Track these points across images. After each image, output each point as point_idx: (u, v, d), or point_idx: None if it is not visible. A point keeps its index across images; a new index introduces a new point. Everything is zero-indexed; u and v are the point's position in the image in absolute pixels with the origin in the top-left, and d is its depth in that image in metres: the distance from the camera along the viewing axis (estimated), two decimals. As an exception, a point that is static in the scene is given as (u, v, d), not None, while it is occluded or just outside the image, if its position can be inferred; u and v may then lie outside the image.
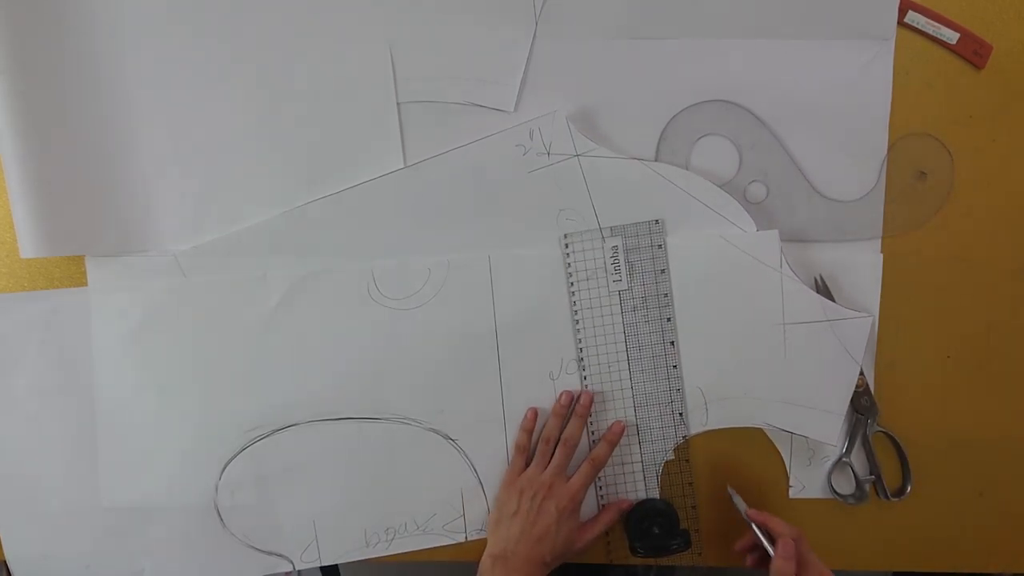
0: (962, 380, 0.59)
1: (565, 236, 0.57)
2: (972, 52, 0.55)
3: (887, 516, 0.61)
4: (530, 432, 0.58)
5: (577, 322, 0.58)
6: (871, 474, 0.60)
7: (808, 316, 0.56)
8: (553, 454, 0.56)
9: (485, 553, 0.55)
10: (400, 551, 0.61)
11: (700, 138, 0.57)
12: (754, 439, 0.60)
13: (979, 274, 0.58)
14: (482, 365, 0.59)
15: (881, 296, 0.58)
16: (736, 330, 0.57)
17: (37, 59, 0.54)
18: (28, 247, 0.55)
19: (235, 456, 0.59)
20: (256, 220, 0.58)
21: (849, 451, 0.59)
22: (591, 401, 0.58)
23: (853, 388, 0.57)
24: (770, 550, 0.51)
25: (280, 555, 0.61)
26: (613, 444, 0.57)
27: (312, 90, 0.56)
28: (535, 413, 0.58)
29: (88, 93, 0.56)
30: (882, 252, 0.58)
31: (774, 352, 0.57)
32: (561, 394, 0.58)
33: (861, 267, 0.58)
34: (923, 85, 0.56)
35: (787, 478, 0.60)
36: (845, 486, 0.61)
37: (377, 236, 0.58)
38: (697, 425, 0.58)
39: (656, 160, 0.57)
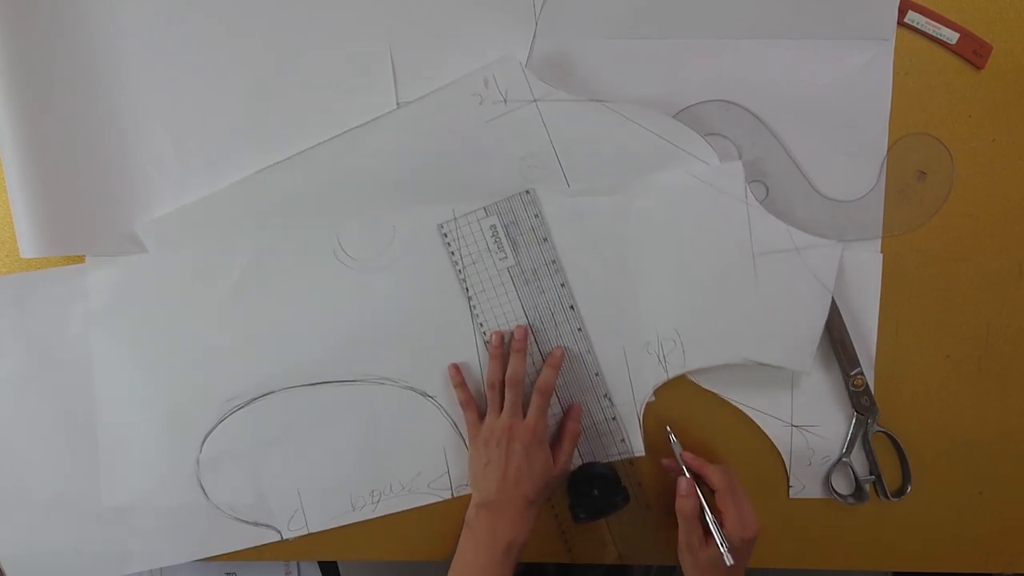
0: (962, 380, 0.59)
1: (441, 225, 0.57)
2: (972, 52, 0.55)
3: (887, 516, 0.61)
4: (463, 386, 0.58)
5: (474, 307, 0.58)
6: (871, 474, 0.60)
7: (777, 246, 0.56)
8: (503, 397, 0.56)
9: (470, 506, 0.56)
10: (387, 512, 0.61)
11: (700, 138, 0.57)
12: (754, 439, 0.60)
13: (979, 274, 0.58)
14: (455, 319, 0.58)
15: (881, 296, 0.58)
16: (706, 266, 0.56)
17: (37, 59, 0.54)
18: (28, 247, 0.55)
19: (213, 429, 0.59)
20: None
21: (849, 451, 0.59)
22: (526, 333, 0.57)
23: (825, 316, 0.56)
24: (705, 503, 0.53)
25: (267, 525, 0.61)
26: (556, 368, 0.57)
27: (313, 91, 0.56)
28: (457, 368, 0.58)
29: (88, 93, 0.56)
30: (882, 252, 0.58)
31: (746, 285, 0.56)
32: (491, 335, 0.58)
33: (861, 267, 0.58)
34: (923, 85, 0.56)
35: (787, 478, 0.60)
36: (845, 486, 0.61)
37: (339, 198, 0.57)
38: (676, 367, 0.58)
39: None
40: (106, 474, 0.60)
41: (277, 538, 0.61)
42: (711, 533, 0.52)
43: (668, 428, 0.58)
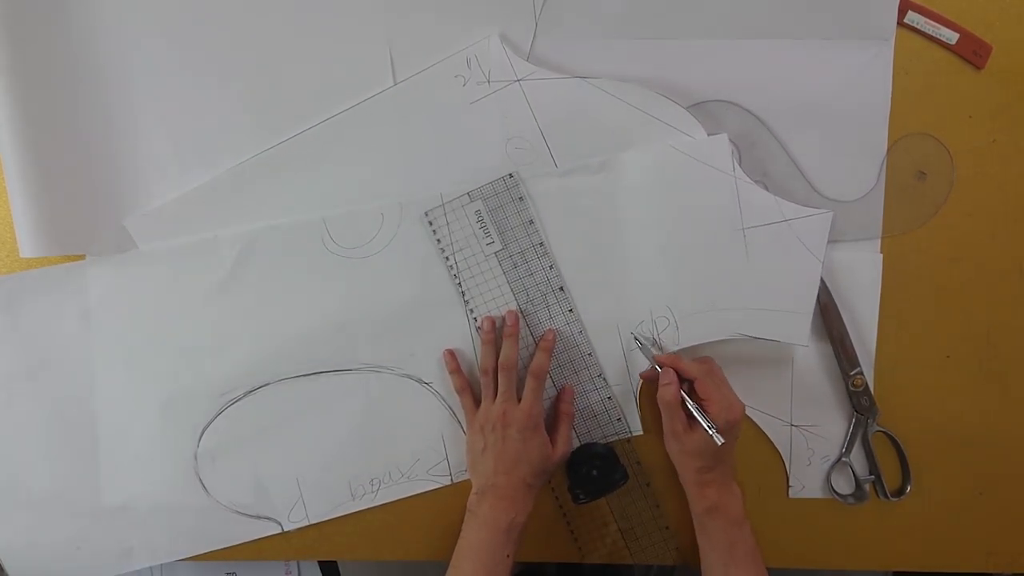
0: (962, 380, 0.59)
1: (427, 213, 0.57)
2: (972, 52, 0.55)
3: (887, 516, 0.61)
4: (459, 372, 0.58)
5: (464, 292, 0.58)
6: (871, 474, 0.60)
7: (766, 218, 0.55)
8: (497, 382, 0.56)
9: (470, 494, 0.56)
10: (388, 500, 0.61)
11: (700, 138, 0.57)
12: (754, 439, 0.60)
13: (979, 274, 0.58)
14: (446, 305, 0.58)
15: (881, 296, 0.58)
16: (696, 241, 0.56)
17: (37, 59, 0.54)
18: (28, 247, 0.55)
19: (210, 423, 0.59)
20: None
21: (849, 451, 0.59)
22: (517, 318, 0.57)
23: (817, 286, 0.56)
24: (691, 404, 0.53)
25: (268, 518, 0.61)
26: (549, 351, 0.57)
27: (313, 91, 0.56)
28: (452, 354, 0.58)
29: (88, 93, 0.56)
30: (882, 252, 0.58)
31: (736, 258, 0.56)
32: (483, 320, 0.58)
33: (861, 267, 0.58)
34: (923, 85, 0.56)
35: (787, 478, 0.60)
36: (845, 486, 0.61)
37: (325, 187, 0.57)
38: (670, 345, 0.58)
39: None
40: (106, 470, 0.60)
41: (278, 530, 0.61)
42: (695, 420, 0.52)
43: (633, 335, 0.58)
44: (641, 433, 0.60)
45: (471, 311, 0.58)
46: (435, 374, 0.59)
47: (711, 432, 0.50)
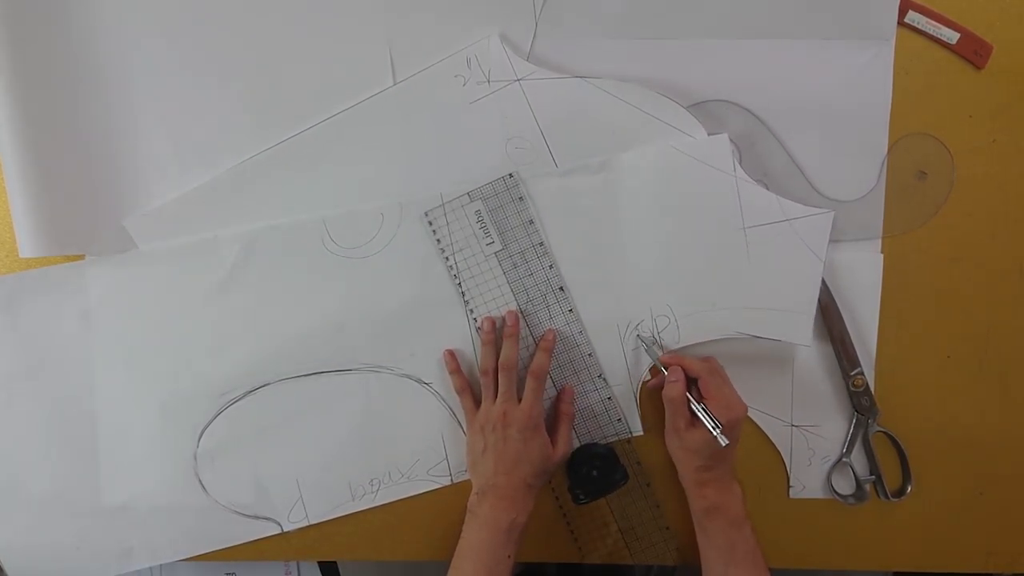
0: (962, 380, 0.59)
1: (426, 213, 0.57)
2: (972, 52, 0.55)
3: (887, 516, 0.61)
4: (459, 372, 0.58)
5: (464, 292, 0.58)
6: (871, 474, 0.60)
7: (767, 217, 0.55)
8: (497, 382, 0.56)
9: (471, 494, 0.56)
10: (388, 500, 0.61)
11: (700, 138, 0.57)
12: (754, 439, 0.60)
13: (979, 274, 0.58)
14: (446, 305, 0.58)
15: (882, 296, 0.58)
16: (697, 240, 0.56)
17: (37, 59, 0.54)
18: (27, 247, 0.55)
19: (210, 423, 0.59)
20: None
21: (849, 451, 0.60)
22: (517, 318, 0.57)
23: (819, 286, 0.56)
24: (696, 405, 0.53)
25: (267, 518, 0.61)
26: (549, 351, 0.57)
27: (313, 91, 0.56)
28: (452, 354, 0.58)
29: (88, 93, 0.56)
30: (882, 252, 0.58)
31: (737, 258, 0.56)
32: (483, 320, 0.58)
33: (861, 267, 0.58)
34: (923, 85, 0.56)
35: (787, 478, 0.60)
36: (845, 486, 0.61)
37: (325, 187, 0.57)
38: (671, 344, 0.58)
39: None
40: (106, 470, 0.60)
41: (277, 531, 0.61)
42: (698, 418, 0.52)
43: (637, 335, 0.58)
44: (641, 433, 0.60)
45: (471, 311, 0.58)
46: (435, 374, 0.59)
47: (715, 433, 0.50)
